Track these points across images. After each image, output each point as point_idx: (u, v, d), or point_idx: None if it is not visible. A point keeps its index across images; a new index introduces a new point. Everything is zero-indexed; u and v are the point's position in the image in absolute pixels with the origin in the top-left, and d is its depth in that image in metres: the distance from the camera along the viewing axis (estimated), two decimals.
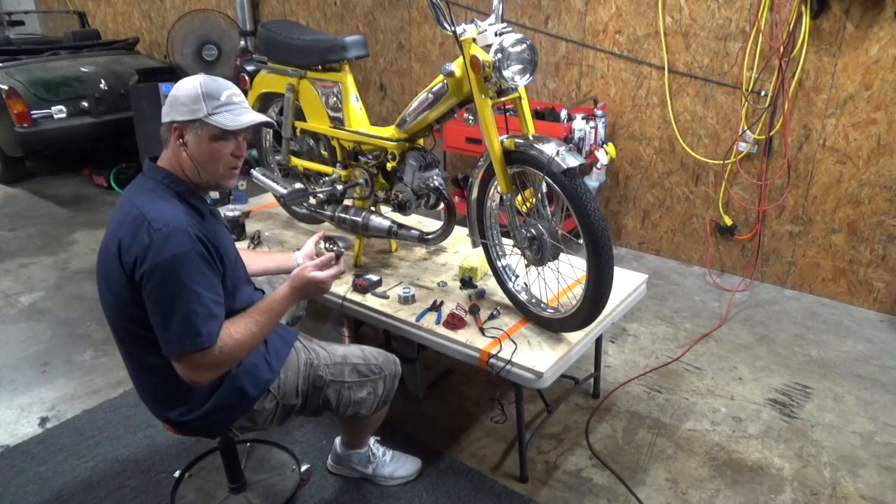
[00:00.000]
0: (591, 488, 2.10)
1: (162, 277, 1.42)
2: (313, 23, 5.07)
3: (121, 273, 1.47)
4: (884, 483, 2.12)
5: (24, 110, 4.60)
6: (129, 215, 1.48)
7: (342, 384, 1.75)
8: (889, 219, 3.06)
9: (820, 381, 2.67)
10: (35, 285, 3.50)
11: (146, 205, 1.49)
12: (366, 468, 2.07)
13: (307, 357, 1.75)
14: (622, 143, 3.76)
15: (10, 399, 2.55)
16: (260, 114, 1.61)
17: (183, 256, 1.44)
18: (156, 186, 1.55)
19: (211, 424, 1.65)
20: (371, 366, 1.79)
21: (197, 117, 1.51)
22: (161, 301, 1.44)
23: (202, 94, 1.51)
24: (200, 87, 1.52)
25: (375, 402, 1.81)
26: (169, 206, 1.50)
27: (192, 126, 1.52)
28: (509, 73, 1.78)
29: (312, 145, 2.60)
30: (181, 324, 1.43)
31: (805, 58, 3.05)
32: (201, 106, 1.51)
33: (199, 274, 1.46)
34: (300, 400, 1.72)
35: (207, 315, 1.46)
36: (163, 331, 1.45)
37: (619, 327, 3.05)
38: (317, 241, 2.22)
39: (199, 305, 1.45)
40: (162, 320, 1.45)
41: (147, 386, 1.63)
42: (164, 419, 1.66)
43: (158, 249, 1.42)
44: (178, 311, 1.43)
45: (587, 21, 3.67)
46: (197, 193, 1.61)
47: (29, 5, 7.78)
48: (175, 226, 1.45)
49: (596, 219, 1.72)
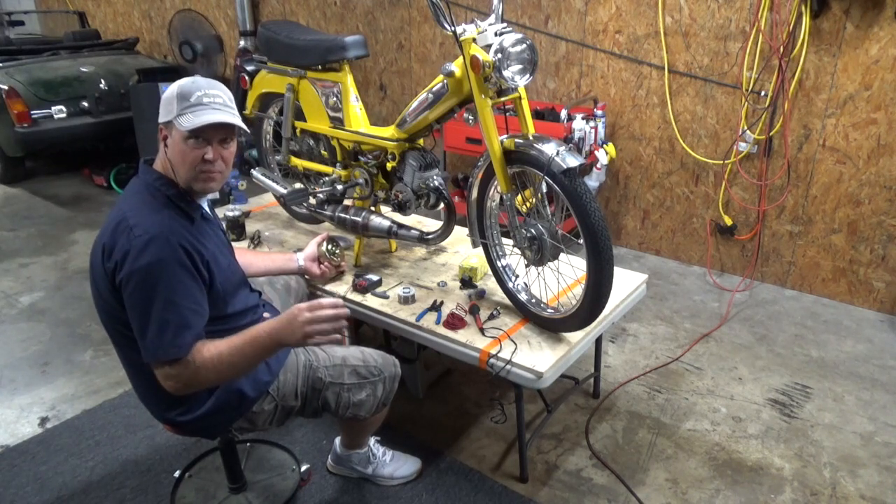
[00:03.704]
0: (591, 488, 2.10)
1: (138, 284, 1.42)
2: (313, 23, 5.07)
3: (104, 276, 1.47)
4: (884, 483, 2.12)
5: (24, 110, 4.60)
6: (115, 219, 1.48)
7: (341, 386, 1.74)
8: (889, 219, 3.06)
9: (820, 381, 2.67)
10: (35, 285, 3.50)
11: (131, 209, 1.48)
12: (366, 468, 2.07)
13: (306, 359, 1.75)
14: (622, 143, 3.76)
15: (10, 399, 2.55)
16: (228, 115, 1.51)
17: (160, 263, 1.42)
18: (145, 189, 1.54)
19: (210, 426, 1.65)
20: (370, 368, 1.79)
21: (170, 118, 1.50)
22: (136, 307, 1.44)
23: (177, 95, 1.50)
24: (177, 87, 1.51)
25: (375, 403, 1.80)
26: (153, 212, 1.48)
27: (169, 126, 1.51)
28: (509, 73, 1.78)
29: (312, 145, 2.60)
30: (154, 332, 1.42)
31: (805, 58, 3.05)
32: (174, 107, 1.49)
33: (177, 282, 1.44)
34: (299, 402, 1.72)
35: (180, 325, 1.43)
36: (140, 336, 1.45)
37: (619, 327, 3.05)
38: (319, 242, 2.23)
39: (172, 314, 1.42)
40: (137, 326, 1.45)
41: (144, 387, 1.63)
42: (163, 419, 1.66)
43: (136, 256, 1.41)
44: (151, 318, 1.42)
45: (587, 21, 3.67)
46: (187, 197, 1.57)
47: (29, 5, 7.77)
48: (155, 232, 1.43)
49: (596, 219, 1.72)
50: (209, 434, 1.74)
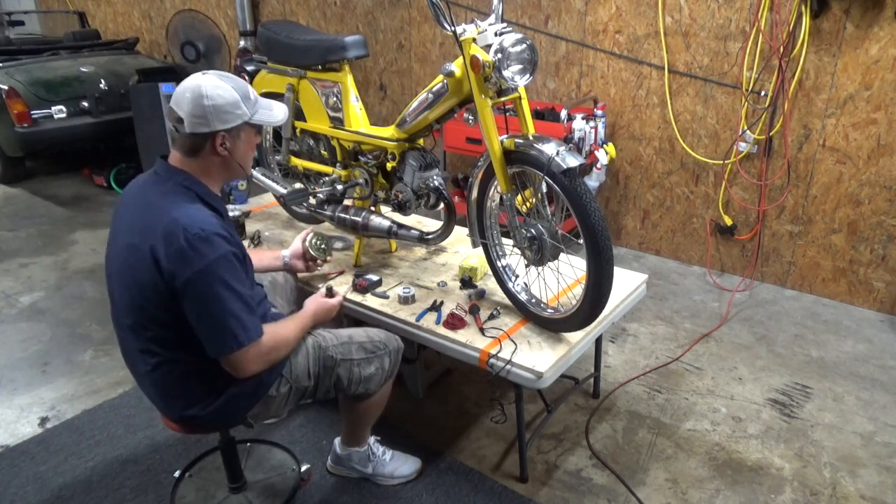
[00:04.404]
0: (591, 488, 2.10)
1: (207, 281, 1.46)
2: (313, 23, 5.07)
3: (157, 280, 1.48)
4: (884, 483, 2.12)
5: (24, 110, 4.60)
6: (159, 221, 1.48)
7: (351, 361, 1.80)
8: (889, 219, 3.06)
9: (820, 381, 2.67)
10: (35, 285, 3.50)
11: (176, 209, 1.50)
12: (366, 467, 2.07)
13: (314, 341, 1.80)
14: (622, 143, 3.76)
15: (10, 399, 2.55)
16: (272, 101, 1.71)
17: (223, 258, 1.48)
18: (175, 189, 1.56)
19: (228, 414, 1.67)
20: (376, 343, 1.86)
21: (243, 121, 1.57)
22: (208, 304, 1.48)
23: (241, 98, 1.56)
24: (233, 90, 1.55)
25: (383, 377, 1.86)
26: (198, 210, 1.53)
27: (238, 129, 1.58)
28: (509, 73, 1.78)
29: (312, 145, 2.60)
30: (235, 322, 1.49)
31: (805, 58, 3.05)
32: (244, 110, 1.57)
33: (238, 272, 1.53)
34: (312, 382, 1.77)
35: (250, 311, 1.53)
36: (212, 331, 1.50)
37: (619, 327, 3.05)
38: (304, 238, 2.23)
39: (241, 303, 1.51)
40: (211, 322, 1.49)
41: (165, 384, 1.61)
42: (181, 418, 1.65)
43: (199, 254, 1.45)
44: (228, 310, 1.48)
45: (587, 21, 3.67)
46: (213, 193, 1.63)
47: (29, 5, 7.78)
48: (210, 229, 1.48)
49: (596, 219, 1.72)
50: (227, 424, 1.76)
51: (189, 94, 1.52)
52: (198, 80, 1.54)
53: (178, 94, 1.54)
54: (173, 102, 1.55)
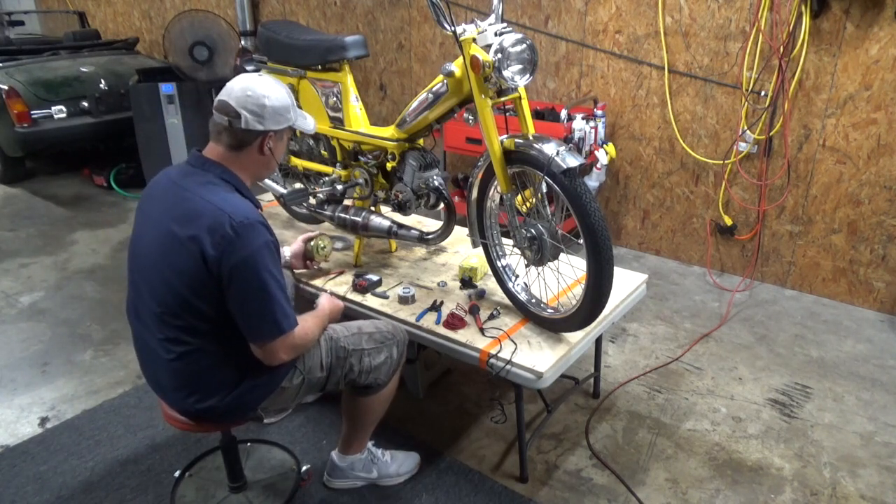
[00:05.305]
0: (591, 488, 2.10)
1: (254, 268, 1.51)
2: (313, 23, 5.07)
3: (200, 266, 1.50)
4: (884, 483, 2.12)
5: (24, 110, 4.60)
6: (202, 208, 1.52)
7: (363, 351, 1.84)
8: (889, 219, 3.06)
9: (820, 381, 2.67)
10: (35, 285, 3.50)
11: (218, 198, 1.55)
12: (370, 472, 2.06)
13: (326, 333, 1.83)
14: (622, 143, 3.76)
15: (10, 399, 2.55)
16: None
17: (266, 246, 1.54)
18: (215, 179, 1.61)
19: (242, 405, 1.68)
20: (384, 333, 1.90)
21: (289, 124, 1.68)
22: (254, 290, 1.52)
23: (291, 104, 1.67)
24: (287, 96, 1.66)
25: (392, 366, 1.90)
26: (240, 199, 1.58)
27: (281, 132, 1.68)
28: (509, 73, 1.78)
29: (312, 145, 2.60)
30: (278, 309, 1.55)
31: (805, 58, 3.05)
32: (292, 114, 1.68)
33: (278, 262, 1.59)
34: (325, 373, 1.80)
35: (288, 301, 1.60)
36: (256, 317, 1.54)
37: (619, 327, 3.05)
38: (306, 239, 2.25)
39: (282, 291, 1.57)
40: (256, 308, 1.53)
41: (187, 374, 1.61)
42: (195, 412, 1.65)
43: (245, 241, 1.50)
44: (272, 297, 1.53)
45: (587, 21, 3.67)
46: (248, 187, 1.69)
47: (29, 5, 7.78)
48: (253, 217, 1.53)
49: (596, 219, 1.72)
50: (240, 416, 1.76)
51: (251, 93, 1.59)
52: (257, 80, 1.62)
53: (237, 91, 1.59)
54: (228, 97, 1.59)
